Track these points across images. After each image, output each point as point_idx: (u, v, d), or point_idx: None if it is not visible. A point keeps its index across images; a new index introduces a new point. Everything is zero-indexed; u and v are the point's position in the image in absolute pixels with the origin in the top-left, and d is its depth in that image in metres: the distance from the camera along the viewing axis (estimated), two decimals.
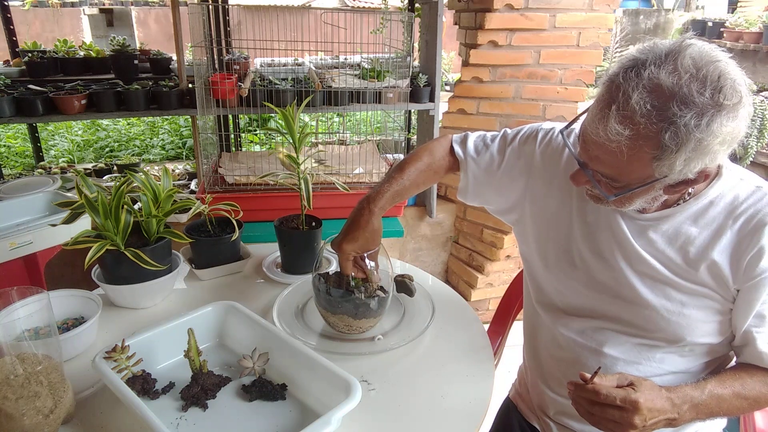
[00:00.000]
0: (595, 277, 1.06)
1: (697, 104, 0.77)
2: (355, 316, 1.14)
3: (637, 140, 0.81)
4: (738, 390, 0.94)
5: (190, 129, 5.60)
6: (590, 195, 1.01)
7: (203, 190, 2.20)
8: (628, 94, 0.80)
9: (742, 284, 0.94)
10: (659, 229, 0.99)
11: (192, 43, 2.34)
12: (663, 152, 0.80)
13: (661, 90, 0.79)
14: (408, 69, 2.40)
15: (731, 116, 0.79)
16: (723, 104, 0.77)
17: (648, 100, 0.79)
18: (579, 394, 0.89)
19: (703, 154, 0.81)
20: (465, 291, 2.89)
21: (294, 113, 1.41)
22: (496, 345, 1.48)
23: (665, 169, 0.83)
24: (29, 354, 0.88)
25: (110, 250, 1.20)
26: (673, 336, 0.99)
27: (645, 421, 0.87)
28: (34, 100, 2.24)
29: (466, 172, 1.23)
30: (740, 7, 6.91)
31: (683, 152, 0.80)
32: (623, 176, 0.88)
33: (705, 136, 0.78)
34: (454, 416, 0.99)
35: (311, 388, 0.99)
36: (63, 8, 8.51)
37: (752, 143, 4.60)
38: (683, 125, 0.77)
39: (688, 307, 0.97)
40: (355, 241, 1.12)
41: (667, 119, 0.78)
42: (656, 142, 0.80)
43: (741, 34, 5.46)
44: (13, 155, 5.23)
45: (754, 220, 0.92)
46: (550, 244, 1.13)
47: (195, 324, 1.05)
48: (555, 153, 1.15)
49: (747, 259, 0.92)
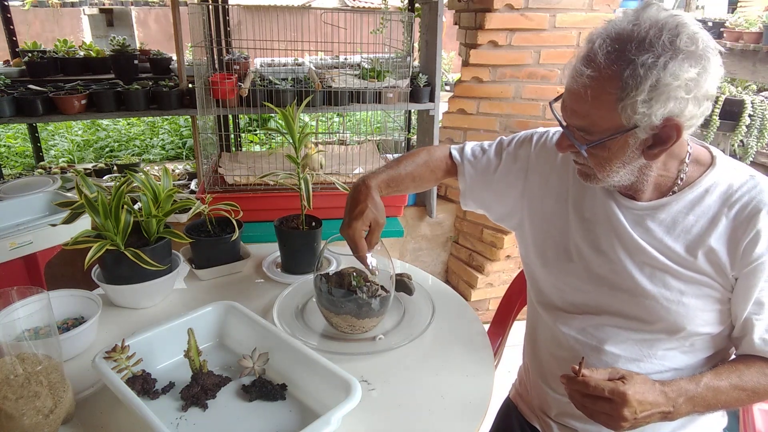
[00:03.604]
0: (594, 270, 1.07)
1: (655, 46, 0.82)
2: (358, 316, 1.14)
3: (600, 81, 0.86)
4: (735, 382, 0.95)
5: (190, 129, 5.60)
6: (580, 173, 1.03)
7: (203, 190, 2.20)
8: (592, 41, 0.88)
9: (739, 270, 0.94)
10: (657, 219, 1.00)
11: (192, 43, 2.34)
12: (624, 92, 0.84)
13: (621, 35, 0.85)
14: (408, 69, 2.40)
15: (691, 63, 0.82)
16: (680, 48, 0.82)
17: (609, 43, 0.85)
18: (571, 386, 0.91)
19: (665, 98, 0.84)
20: (465, 291, 2.89)
21: (294, 113, 1.41)
22: (496, 345, 1.48)
23: (629, 111, 0.85)
24: (29, 354, 0.88)
25: (110, 250, 1.20)
26: (673, 325, 0.99)
27: (635, 413, 0.87)
28: (34, 100, 2.24)
29: (463, 176, 1.26)
30: (740, 7, 6.91)
31: (643, 91, 0.83)
32: (594, 125, 0.91)
33: (663, 76, 0.82)
34: (454, 416, 0.99)
35: (311, 388, 0.99)
36: (63, 8, 8.51)
37: (752, 143, 4.60)
38: (641, 64, 0.82)
39: (687, 295, 0.98)
40: (362, 215, 1.12)
41: (626, 59, 0.83)
42: (617, 81, 0.85)
43: (741, 34, 5.45)
44: (13, 155, 5.23)
45: (749, 206, 0.94)
46: (548, 242, 1.15)
47: (195, 324, 1.05)
48: (550, 153, 1.17)
49: (744, 244, 0.93)
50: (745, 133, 4.62)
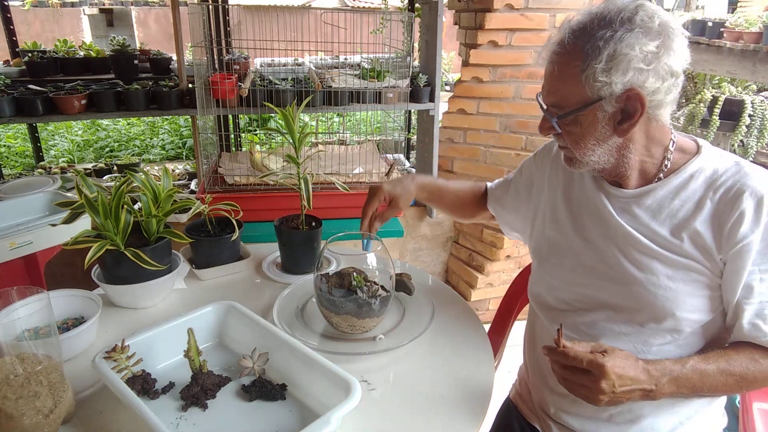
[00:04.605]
0: (584, 262, 1.09)
1: (614, 22, 0.91)
2: (358, 316, 1.14)
3: (566, 56, 0.95)
4: (723, 366, 0.94)
5: (190, 129, 5.60)
6: (565, 158, 1.08)
7: (203, 190, 2.20)
8: (562, 26, 0.98)
9: (726, 253, 0.95)
10: (643, 205, 1.02)
11: (192, 43, 2.34)
12: (585, 62, 0.92)
13: (588, 17, 0.94)
14: (408, 69, 2.40)
15: (650, 37, 0.89)
16: (636, 23, 0.90)
17: (575, 24, 0.95)
18: (552, 358, 0.92)
19: (624, 67, 0.90)
20: (465, 291, 2.89)
21: (294, 113, 1.41)
22: (496, 345, 1.48)
23: (591, 80, 0.91)
24: (29, 354, 0.88)
25: (110, 250, 1.20)
26: (661, 311, 0.99)
27: (614, 387, 0.87)
28: (34, 100, 2.24)
29: (489, 201, 1.40)
30: (740, 7, 6.90)
31: (601, 61, 0.90)
32: (565, 100, 0.97)
33: (620, 47, 0.89)
34: (454, 416, 0.99)
35: (311, 388, 0.99)
36: (63, 8, 8.51)
37: (752, 143, 4.60)
38: (599, 37, 0.90)
39: (675, 280, 0.98)
40: (393, 187, 1.30)
41: (588, 35, 0.92)
42: (580, 54, 0.92)
43: (741, 34, 5.45)
44: (13, 155, 5.23)
45: (733, 189, 0.95)
46: (543, 238, 1.19)
47: (195, 324, 1.05)
48: (546, 154, 1.25)
49: (728, 226, 0.94)
50: (745, 133, 4.62)
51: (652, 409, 1.04)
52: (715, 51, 5.85)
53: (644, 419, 1.05)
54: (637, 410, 1.05)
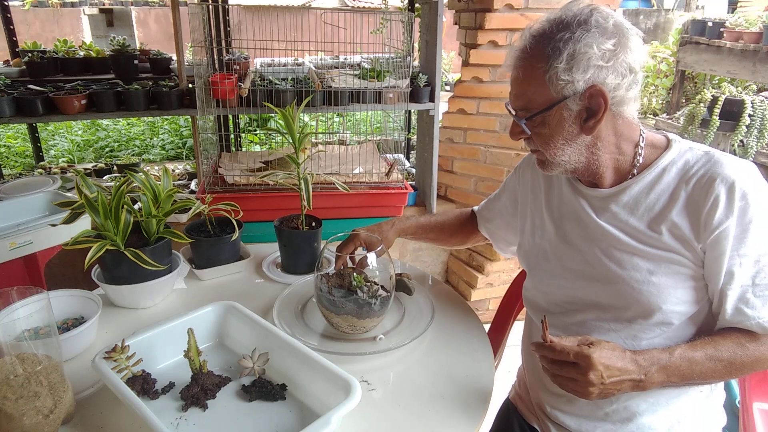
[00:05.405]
0: (569, 266, 1.11)
1: (571, 25, 0.95)
2: (359, 316, 1.14)
3: (529, 59, 0.98)
4: (711, 353, 0.95)
5: (190, 129, 5.60)
6: (538, 162, 1.10)
7: (203, 190, 2.20)
8: (524, 33, 1.01)
9: (705, 241, 0.96)
10: (620, 202, 1.04)
11: (192, 43, 2.34)
12: (548, 63, 0.95)
13: (547, 23, 0.98)
14: (408, 69, 2.40)
15: (606, 36, 0.93)
16: (592, 24, 0.94)
17: (536, 30, 0.99)
18: (540, 353, 0.93)
19: (584, 65, 0.93)
20: (465, 291, 2.89)
21: (294, 113, 1.42)
22: (496, 345, 1.48)
23: (555, 80, 0.95)
24: (29, 354, 0.88)
25: (110, 250, 1.20)
26: (647, 307, 1.00)
27: (602, 378, 0.88)
28: (34, 100, 2.24)
29: (479, 224, 1.44)
30: (740, 7, 6.91)
31: (562, 60, 0.93)
32: (531, 102, 1.00)
33: (579, 47, 0.93)
34: (454, 417, 0.99)
35: (311, 388, 0.99)
36: (63, 8, 8.51)
37: (752, 143, 4.60)
38: (559, 39, 0.94)
39: (657, 274, 0.99)
40: (370, 235, 1.30)
41: (548, 38, 0.96)
42: (542, 57, 0.96)
43: (741, 34, 5.45)
44: (13, 155, 5.23)
45: (705, 177, 0.97)
46: (531, 246, 1.21)
47: (195, 324, 1.05)
48: (527, 166, 1.28)
49: (704, 213, 0.95)
50: (745, 133, 4.62)
51: (648, 407, 1.04)
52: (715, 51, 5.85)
53: (640, 417, 1.05)
54: (632, 408, 1.05)
